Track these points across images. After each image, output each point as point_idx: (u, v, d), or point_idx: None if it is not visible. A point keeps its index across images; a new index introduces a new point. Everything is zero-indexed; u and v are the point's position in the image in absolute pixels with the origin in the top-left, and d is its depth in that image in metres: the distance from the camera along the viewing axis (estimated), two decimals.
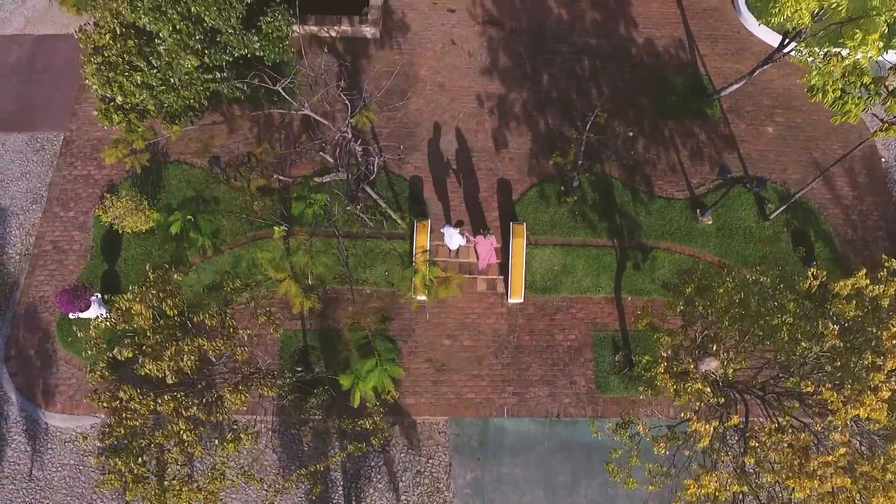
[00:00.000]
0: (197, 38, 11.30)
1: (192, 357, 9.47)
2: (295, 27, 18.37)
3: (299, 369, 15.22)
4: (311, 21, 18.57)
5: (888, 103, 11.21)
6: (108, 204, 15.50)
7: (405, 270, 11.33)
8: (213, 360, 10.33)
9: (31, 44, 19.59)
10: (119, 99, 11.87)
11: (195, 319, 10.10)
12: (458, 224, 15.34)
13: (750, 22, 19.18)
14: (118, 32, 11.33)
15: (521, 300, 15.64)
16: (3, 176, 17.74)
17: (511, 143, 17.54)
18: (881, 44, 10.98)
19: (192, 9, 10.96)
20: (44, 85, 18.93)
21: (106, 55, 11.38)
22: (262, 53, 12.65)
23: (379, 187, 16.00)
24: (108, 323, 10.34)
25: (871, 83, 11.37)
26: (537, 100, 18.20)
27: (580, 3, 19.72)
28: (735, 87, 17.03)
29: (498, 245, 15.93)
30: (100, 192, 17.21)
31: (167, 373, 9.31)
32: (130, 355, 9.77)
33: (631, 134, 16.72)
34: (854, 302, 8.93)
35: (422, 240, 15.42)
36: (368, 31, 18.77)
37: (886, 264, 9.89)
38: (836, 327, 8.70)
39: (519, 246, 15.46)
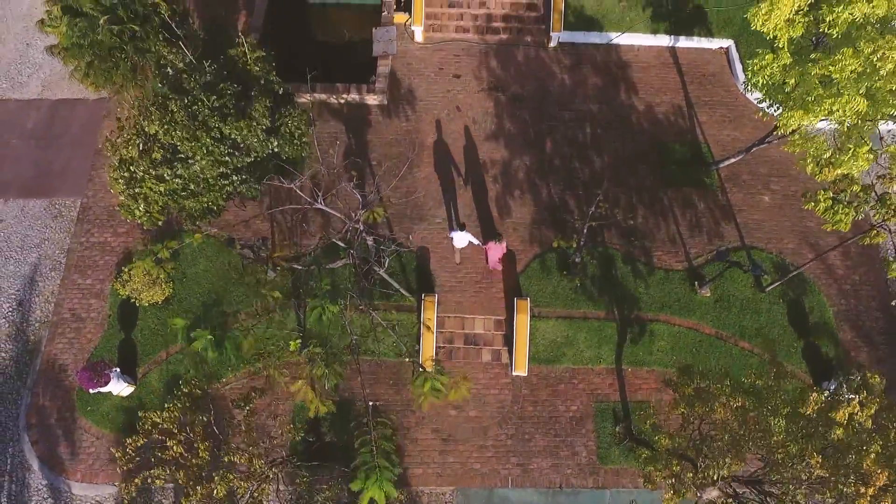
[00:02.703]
0: (226, 152, 11.88)
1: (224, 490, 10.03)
2: (306, 96, 19.06)
3: (311, 439, 15.80)
4: (321, 89, 19.13)
5: (876, 211, 11.73)
6: (126, 278, 16.06)
7: (415, 380, 11.95)
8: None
9: (48, 108, 20.13)
10: (143, 207, 12.44)
11: (226, 459, 10.67)
12: (462, 226, 16.18)
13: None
14: (142, 148, 11.88)
15: (525, 373, 16.18)
16: (23, 243, 18.29)
17: (515, 212, 18.08)
18: (871, 156, 11.50)
19: (225, 131, 11.51)
20: (61, 150, 19.47)
21: (132, 170, 11.95)
22: (278, 150, 13.19)
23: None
24: (140, 442, 10.95)
25: (860, 190, 11.91)
26: (540, 167, 18.74)
27: (582, 69, 20.25)
28: (732, 160, 17.55)
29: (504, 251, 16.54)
30: (116, 259, 17.77)
31: None
32: (161, 484, 10.35)
33: (631, 222, 17.27)
34: (844, 428, 9.42)
35: (429, 314, 16.02)
36: (376, 98, 19.32)
37: (872, 381, 10.39)
38: (821, 458, 9.17)
39: (523, 321, 16.01)
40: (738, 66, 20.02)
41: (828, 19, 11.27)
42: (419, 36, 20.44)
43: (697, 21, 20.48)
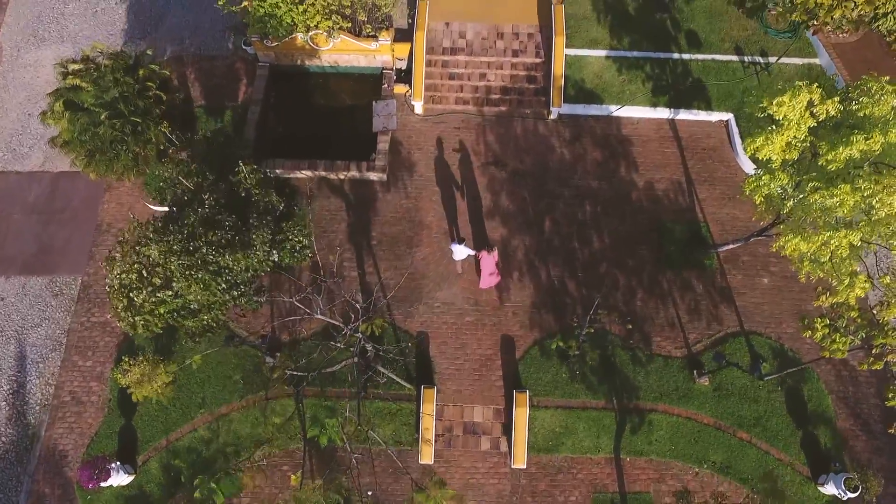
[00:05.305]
0: (222, 283, 11.96)
1: None
2: (306, 172, 19.13)
3: None
4: (322, 167, 19.18)
5: (876, 338, 11.78)
6: (126, 367, 16.06)
7: (417, 495, 12.04)
8: None
9: (49, 181, 20.16)
10: (142, 327, 12.53)
11: None
12: (462, 240, 16.82)
13: (747, 165, 19.73)
14: (144, 275, 11.95)
15: (524, 466, 16.23)
16: (24, 322, 18.33)
17: (514, 296, 18.11)
18: (867, 285, 11.55)
19: (222, 263, 11.58)
20: (62, 225, 19.50)
21: (132, 297, 12.02)
22: (279, 261, 13.26)
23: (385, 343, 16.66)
24: None
25: (858, 317, 11.96)
26: (539, 247, 18.77)
27: (582, 142, 20.27)
28: (732, 245, 17.59)
29: (497, 261, 17.43)
30: (117, 340, 17.83)
31: None
32: None
33: (629, 327, 17.30)
34: None
35: (428, 409, 16.07)
36: (376, 175, 19.36)
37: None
38: None
39: (522, 415, 16.07)
40: (738, 140, 20.05)
41: (828, 157, 11.29)
42: (419, 108, 20.48)
43: (697, 94, 20.51)
